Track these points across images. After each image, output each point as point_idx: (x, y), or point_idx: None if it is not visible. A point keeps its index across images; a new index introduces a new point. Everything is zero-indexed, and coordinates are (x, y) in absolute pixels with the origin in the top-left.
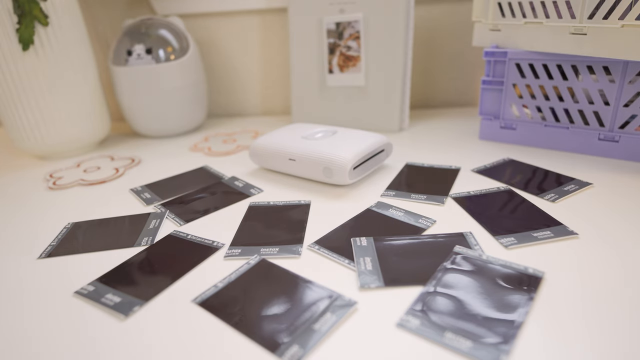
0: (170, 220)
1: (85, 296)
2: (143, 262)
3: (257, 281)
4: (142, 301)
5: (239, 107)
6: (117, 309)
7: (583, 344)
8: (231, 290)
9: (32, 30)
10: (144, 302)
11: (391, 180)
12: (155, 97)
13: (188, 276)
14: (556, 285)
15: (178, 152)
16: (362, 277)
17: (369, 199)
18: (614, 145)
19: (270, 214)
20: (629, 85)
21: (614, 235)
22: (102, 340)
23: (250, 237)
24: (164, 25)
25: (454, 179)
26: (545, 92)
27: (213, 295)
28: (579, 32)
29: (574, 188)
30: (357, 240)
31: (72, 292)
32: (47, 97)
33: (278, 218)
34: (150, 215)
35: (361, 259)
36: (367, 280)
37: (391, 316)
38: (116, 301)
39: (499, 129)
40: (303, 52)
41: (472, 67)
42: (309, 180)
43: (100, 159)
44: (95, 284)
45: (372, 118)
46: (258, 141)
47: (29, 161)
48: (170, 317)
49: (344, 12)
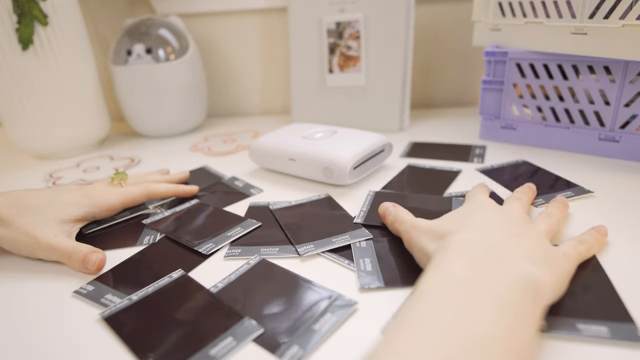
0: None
1: (84, 296)
2: (142, 261)
3: (257, 281)
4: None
5: (239, 107)
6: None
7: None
8: (231, 290)
9: (32, 30)
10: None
11: (390, 179)
12: (155, 96)
13: (189, 275)
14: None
15: (178, 152)
16: (362, 277)
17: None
18: (615, 145)
19: (269, 214)
20: (629, 85)
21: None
22: (103, 340)
23: (250, 237)
24: (164, 25)
25: (453, 180)
26: (546, 92)
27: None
28: (579, 32)
29: (570, 195)
30: (357, 243)
31: (70, 292)
32: (47, 97)
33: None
34: (150, 216)
35: (361, 260)
36: (367, 281)
37: (391, 316)
38: (115, 302)
39: (500, 129)
40: (303, 52)
41: (473, 67)
42: (309, 180)
43: (100, 158)
44: (94, 284)
45: (372, 118)
46: (258, 141)
47: (29, 161)
48: None
49: (344, 12)
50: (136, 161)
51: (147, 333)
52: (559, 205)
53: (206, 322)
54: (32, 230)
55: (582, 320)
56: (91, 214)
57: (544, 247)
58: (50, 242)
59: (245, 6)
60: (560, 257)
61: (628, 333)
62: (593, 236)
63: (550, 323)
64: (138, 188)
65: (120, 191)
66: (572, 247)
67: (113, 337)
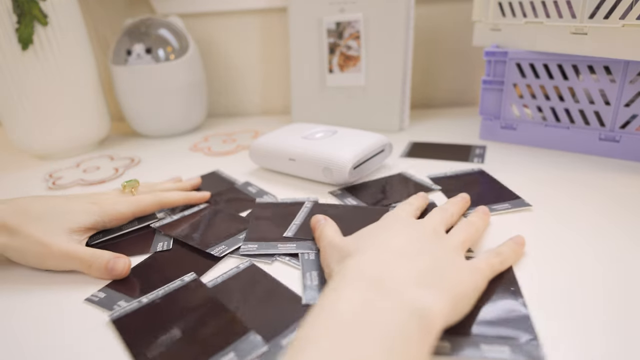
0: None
1: (96, 303)
2: (154, 265)
3: (246, 285)
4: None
5: (239, 107)
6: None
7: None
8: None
9: (32, 30)
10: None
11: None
12: (155, 96)
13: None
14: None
15: (178, 152)
16: (307, 292)
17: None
18: (615, 145)
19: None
20: (629, 85)
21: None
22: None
23: (263, 232)
24: (164, 25)
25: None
26: (546, 92)
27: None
28: (579, 32)
29: (507, 208)
30: (305, 254)
31: (82, 299)
32: (47, 97)
33: (285, 215)
34: (159, 220)
35: (308, 273)
36: (311, 296)
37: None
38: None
39: (500, 129)
40: (303, 51)
41: (473, 67)
42: (309, 180)
43: (99, 158)
44: (106, 291)
45: (372, 118)
46: (258, 141)
47: (29, 161)
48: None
49: (344, 12)
50: (136, 161)
51: (149, 338)
52: (480, 214)
53: (210, 332)
54: (43, 238)
55: (486, 340)
56: (101, 222)
57: (448, 264)
58: (67, 249)
59: (245, 6)
60: (468, 272)
61: (529, 352)
62: (510, 247)
63: (455, 344)
64: (149, 197)
65: (132, 200)
66: (485, 260)
67: (120, 340)
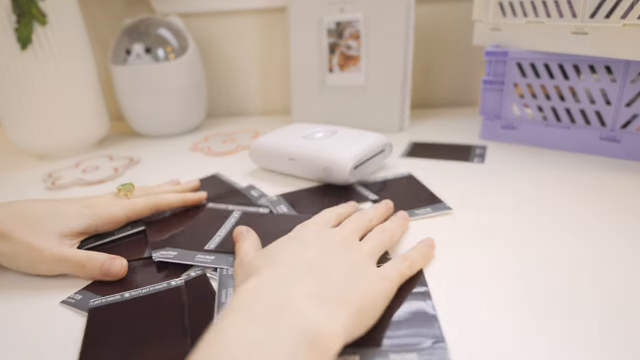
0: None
1: (72, 305)
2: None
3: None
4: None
5: (239, 107)
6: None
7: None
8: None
9: (31, 30)
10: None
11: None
12: (155, 96)
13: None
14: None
15: (178, 152)
16: (221, 313)
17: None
18: (616, 145)
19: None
20: (630, 85)
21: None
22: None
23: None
24: (164, 25)
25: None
26: (547, 91)
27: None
28: (580, 32)
29: (428, 212)
30: (224, 269)
31: (58, 302)
32: (46, 97)
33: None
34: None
35: (224, 290)
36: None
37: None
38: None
39: (500, 128)
40: (303, 51)
41: (473, 67)
42: (309, 180)
43: (99, 158)
44: (82, 292)
45: (372, 118)
46: (258, 141)
47: (28, 161)
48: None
49: (344, 12)
50: (135, 161)
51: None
52: (397, 219)
53: (172, 351)
54: (35, 242)
55: (395, 348)
56: (94, 226)
57: (357, 274)
58: (60, 253)
59: (245, 6)
60: (377, 280)
61: (437, 356)
62: (419, 250)
63: (364, 356)
64: (144, 200)
65: (126, 203)
66: (394, 266)
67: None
